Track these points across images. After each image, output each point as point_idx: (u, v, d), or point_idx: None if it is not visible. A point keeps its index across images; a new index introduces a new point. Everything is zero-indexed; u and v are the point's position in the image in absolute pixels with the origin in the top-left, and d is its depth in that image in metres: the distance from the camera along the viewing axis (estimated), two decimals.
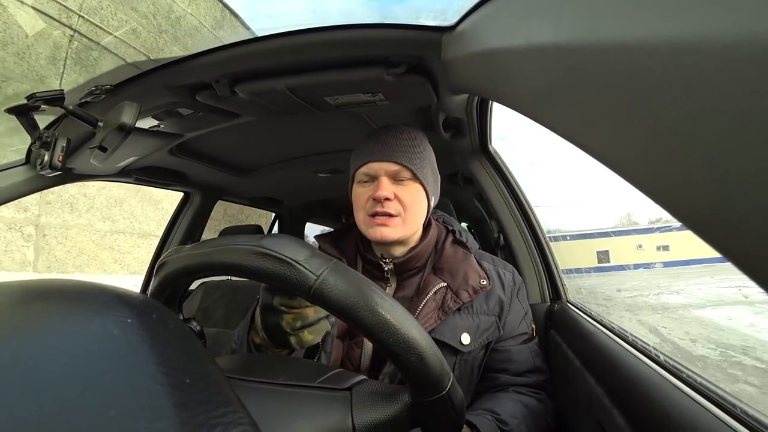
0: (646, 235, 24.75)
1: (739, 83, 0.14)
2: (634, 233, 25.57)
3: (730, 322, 5.81)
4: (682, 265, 21.48)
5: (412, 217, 0.78)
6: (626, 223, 35.00)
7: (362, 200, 0.79)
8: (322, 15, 0.68)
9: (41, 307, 0.24)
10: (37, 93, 0.79)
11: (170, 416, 0.19)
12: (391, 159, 0.76)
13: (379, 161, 0.77)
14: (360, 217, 0.80)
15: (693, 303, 7.82)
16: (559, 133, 0.31)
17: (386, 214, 0.76)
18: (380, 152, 0.77)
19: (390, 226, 0.76)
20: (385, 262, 0.81)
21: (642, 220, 32.13)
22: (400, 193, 0.77)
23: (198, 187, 1.69)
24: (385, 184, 0.76)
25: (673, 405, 0.48)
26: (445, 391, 0.41)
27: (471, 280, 0.79)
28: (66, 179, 1.07)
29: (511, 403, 0.73)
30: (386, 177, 0.77)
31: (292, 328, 0.55)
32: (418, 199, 0.79)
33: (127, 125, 0.75)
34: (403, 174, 0.77)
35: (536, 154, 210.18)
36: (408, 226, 0.78)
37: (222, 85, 0.81)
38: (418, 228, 0.81)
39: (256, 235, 0.41)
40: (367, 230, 0.79)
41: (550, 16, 0.28)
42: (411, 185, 0.78)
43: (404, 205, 0.77)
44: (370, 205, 0.77)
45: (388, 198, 0.75)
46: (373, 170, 0.78)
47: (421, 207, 0.79)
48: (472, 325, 0.77)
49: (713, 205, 0.17)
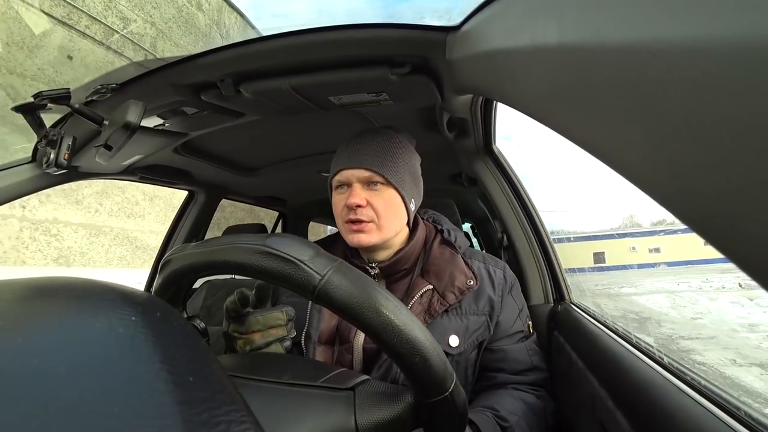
0: (640, 238, 27.33)
1: (744, 85, 0.14)
2: (629, 236, 28.34)
3: (646, 302, 9.68)
4: (676, 266, 24.04)
5: (387, 222, 0.77)
6: (627, 225, 35.73)
7: (339, 207, 0.80)
8: (326, 15, 0.68)
9: (47, 304, 0.24)
10: (44, 91, 0.79)
11: (173, 414, 0.19)
12: (361, 165, 0.76)
13: (350, 168, 0.77)
14: (339, 224, 0.81)
15: (638, 292, 11.55)
16: (564, 134, 0.31)
17: (359, 220, 0.76)
18: (351, 159, 0.77)
19: (365, 232, 0.76)
20: (372, 267, 0.81)
21: (645, 222, 32.90)
22: (373, 199, 0.76)
23: (202, 185, 1.70)
24: (356, 191, 0.76)
25: (677, 407, 0.47)
26: (448, 392, 0.41)
27: (457, 281, 0.79)
28: (71, 177, 1.08)
29: (510, 399, 0.73)
30: (358, 183, 0.77)
31: (243, 351, 0.62)
32: (393, 204, 0.78)
33: (132, 124, 0.75)
34: (375, 179, 0.77)
35: (541, 154, 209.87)
36: (384, 231, 0.78)
37: (227, 84, 0.81)
38: (396, 232, 0.81)
39: (261, 234, 0.41)
40: (346, 236, 0.79)
41: (555, 16, 0.28)
42: (384, 191, 0.77)
43: (377, 212, 0.76)
44: (345, 212, 0.78)
45: (359, 205, 0.75)
46: (345, 177, 0.78)
47: (396, 212, 0.79)
48: (461, 327, 0.77)
49: (718, 207, 0.16)
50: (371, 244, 0.77)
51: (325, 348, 0.77)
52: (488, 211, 2.26)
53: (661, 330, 6.54)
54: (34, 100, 0.81)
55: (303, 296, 0.38)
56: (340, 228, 0.82)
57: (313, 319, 0.78)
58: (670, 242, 27.11)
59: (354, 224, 0.76)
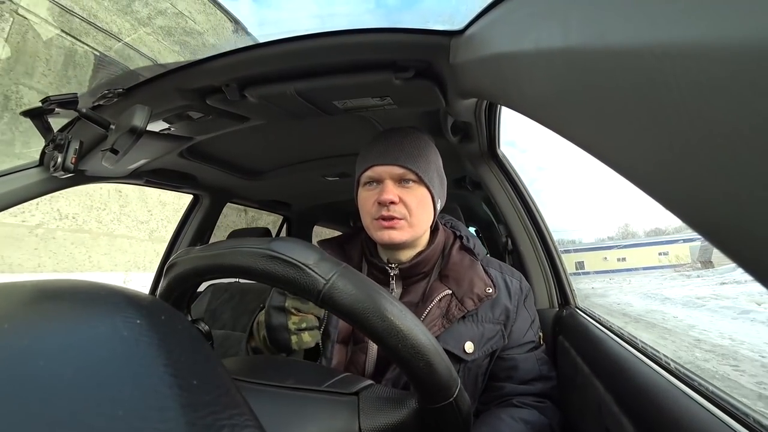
0: (609, 250, 42.28)
1: (750, 87, 0.14)
2: (601, 249, 43.87)
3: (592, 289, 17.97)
4: (634, 270, 38.50)
5: (418, 220, 0.77)
6: (623, 234, 55.21)
7: (368, 204, 0.79)
8: (331, 20, 0.69)
9: (53, 307, 0.24)
10: (52, 96, 0.80)
11: (177, 417, 0.19)
12: (395, 162, 0.76)
13: (383, 165, 0.76)
14: (367, 221, 0.80)
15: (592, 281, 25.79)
16: (568, 137, 0.30)
17: (392, 217, 0.75)
18: (385, 155, 0.77)
19: (397, 228, 0.76)
20: (391, 267, 0.81)
21: (639, 231, 51.10)
22: (405, 197, 0.76)
23: (207, 189, 1.71)
24: (389, 188, 0.75)
25: (683, 413, 0.47)
26: (452, 398, 0.40)
27: (476, 287, 0.79)
28: (78, 181, 1.09)
29: (512, 423, 0.70)
30: (391, 180, 0.77)
31: (297, 329, 0.61)
32: (424, 202, 0.78)
33: (138, 128, 0.76)
34: (408, 177, 0.76)
35: (546, 160, 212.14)
36: (415, 229, 0.77)
37: (232, 89, 0.81)
38: (425, 231, 0.81)
39: (266, 238, 0.41)
40: (375, 233, 0.78)
41: (558, 20, 0.28)
42: (416, 188, 0.77)
43: (409, 209, 0.76)
44: (375, 209, 0.77)
45: (393, 201, 0.75)
46: (377, 174, 0.77)
47: (426, 210, 0.79)
48: (477, 334, 0.76)
49: (725, 210, 0.16)
50: (402, 241, 0.77)
51: (340, 347, 0.77)
52: (492, 216, 2.26)
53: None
54: (42, 104, 0.82)
55: (308, 300, 0.38)
56: (367, 225, 0.80)
57: (332, 317, 0.77)
58: (632, 253, 42.41)
59: (386, 221, 0.76)
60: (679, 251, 45.54)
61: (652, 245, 49.37)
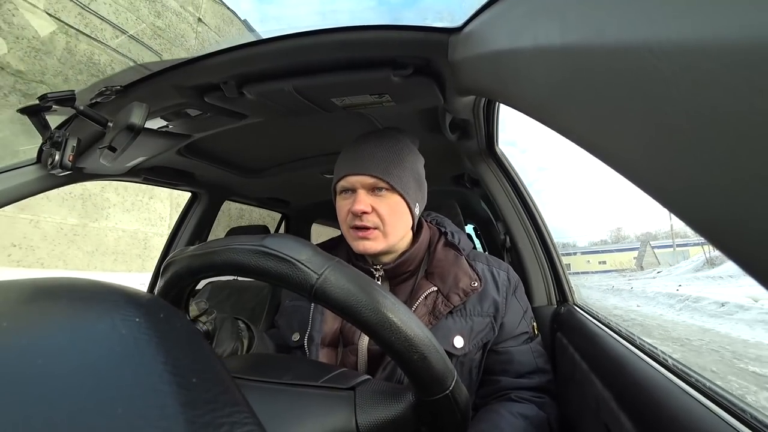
0: (592, 255, 56.49)
1: (746, 84, 0.14)
2: (587, 254, 56.71)
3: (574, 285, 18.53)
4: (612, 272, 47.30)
5: (392, 228, 0.77)
6: (615, 238, 64.73)
7: (343, 213, 0.79)
8: (329, 16, 0.68)
9: (51, 305, 0.24)
10: (49, 93, 0.80)
11: (177, 415, 0.19)
12: (366, 172, 0.75)
13: (355, 174, 0.76)
14: (344, 229, 0.81)
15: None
16: (566, 134, 0.30)
17: (365, 227, 0.76)
18: (355, 165, 0.77)
19: (371, 239, 0.76)
20: (376, 269, 0.82)
21: (631, 235, 61.41)
22: (378, 206, 0.76)
23: (205, 187, 1.70)
24: (361, 198, 0.76)
25: (681, 409, 0.47)
26: (449, 390, 0.40)
27: (461, 282, 0.79)
28: (76, 179, 1.08)
29: (510, 419, 0.69)
30: (363, 190, 0.77)
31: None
32: (397, 210, 0.78)
33: (136, 126, 0.75)
34: (380, 185, 0.76)
35: (547, 160, 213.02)
36: (389, 238, 0.78)
37: (230, 86, 0.81)
38: (401, 237, 0.81)
39: (259, 235, 0.41)
40: (351, 243, 0.79)
41: (557, 17, 0.28)
42: (389, 196, 0.77)
43: (382, 218, 0.76)
44: (350, 218, 0.77)
45: (365, 211, 0.75)
46: (350, 183, 0.77)
47: (401, 217, 0.79)
48: (466, 328, 0.77)
49: (721, 207, 0.16)
50: (377, 251, 0.77)
51: (329, 350, 0.77)
52: (491, 213, 2.26)
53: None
54: (39, 101, 0.82)
55: (301, 295, 0.38)
56: (345, 233, 0.81)
57: (315, 322, 0.78)
58: (612, 257, 53.35)
59: (359, 231, 0.76)
60: (626, 258, 61.23)
61: (624, 251, 64.69)
